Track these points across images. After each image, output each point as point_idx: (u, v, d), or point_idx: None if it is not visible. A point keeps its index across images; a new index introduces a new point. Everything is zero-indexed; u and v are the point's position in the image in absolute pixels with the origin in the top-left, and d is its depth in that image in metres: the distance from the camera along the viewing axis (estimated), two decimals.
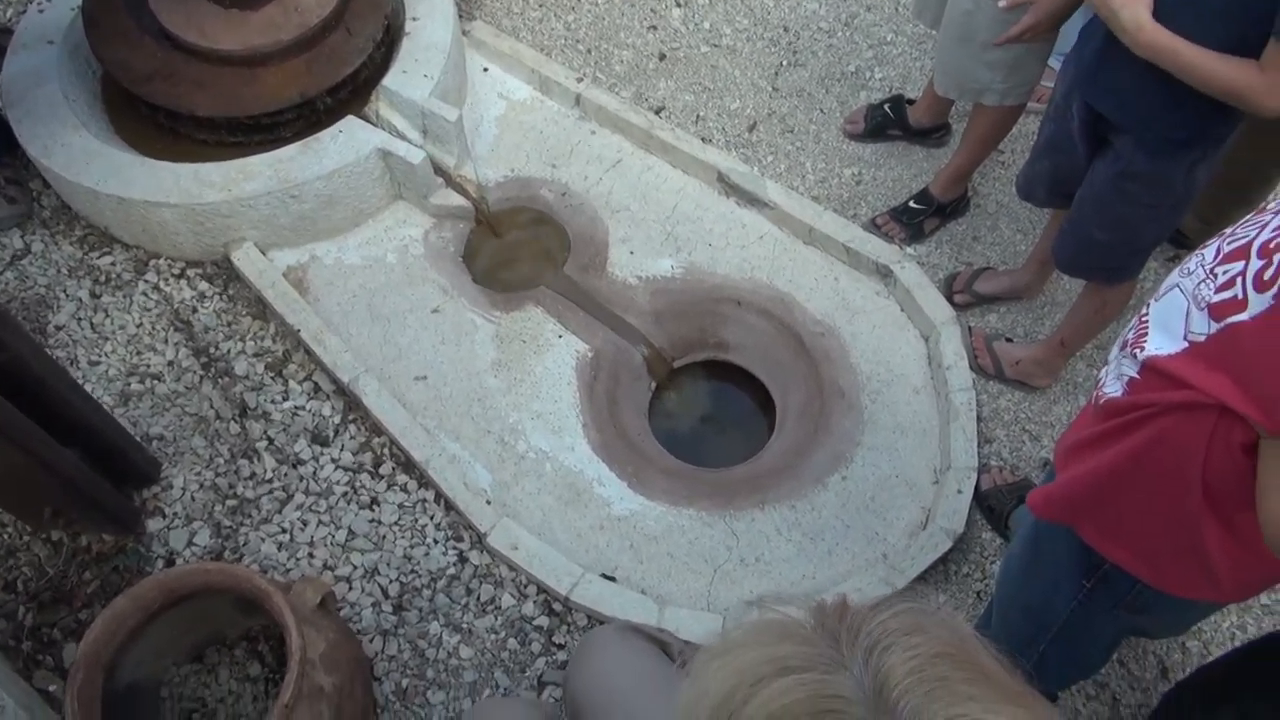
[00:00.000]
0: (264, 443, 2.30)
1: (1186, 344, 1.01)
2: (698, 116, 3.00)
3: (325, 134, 2.53)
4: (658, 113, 3.00)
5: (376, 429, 2.35)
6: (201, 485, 2.22)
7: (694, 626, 2.04)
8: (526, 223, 2.78)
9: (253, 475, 2.26)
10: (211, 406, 2.32)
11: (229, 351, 2.43)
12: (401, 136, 2.63)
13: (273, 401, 2.37)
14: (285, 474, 2.27)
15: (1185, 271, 1.07)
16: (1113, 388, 1.18)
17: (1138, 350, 1.10)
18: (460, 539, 2.22)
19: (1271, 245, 0.91)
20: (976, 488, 2.28)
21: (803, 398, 2.51)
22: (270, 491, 2.24)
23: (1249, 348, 0.92)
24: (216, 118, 2.49)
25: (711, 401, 2.67)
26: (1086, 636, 1.47)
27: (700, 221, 2.76)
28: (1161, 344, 1.06)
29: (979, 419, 2.42)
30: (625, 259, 2.68)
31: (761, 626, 0.65)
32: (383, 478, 2.29)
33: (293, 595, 1.80)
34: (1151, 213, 1.84)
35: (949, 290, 2.63)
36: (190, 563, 2.11)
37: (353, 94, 2.64)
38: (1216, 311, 0.96)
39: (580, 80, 2.96)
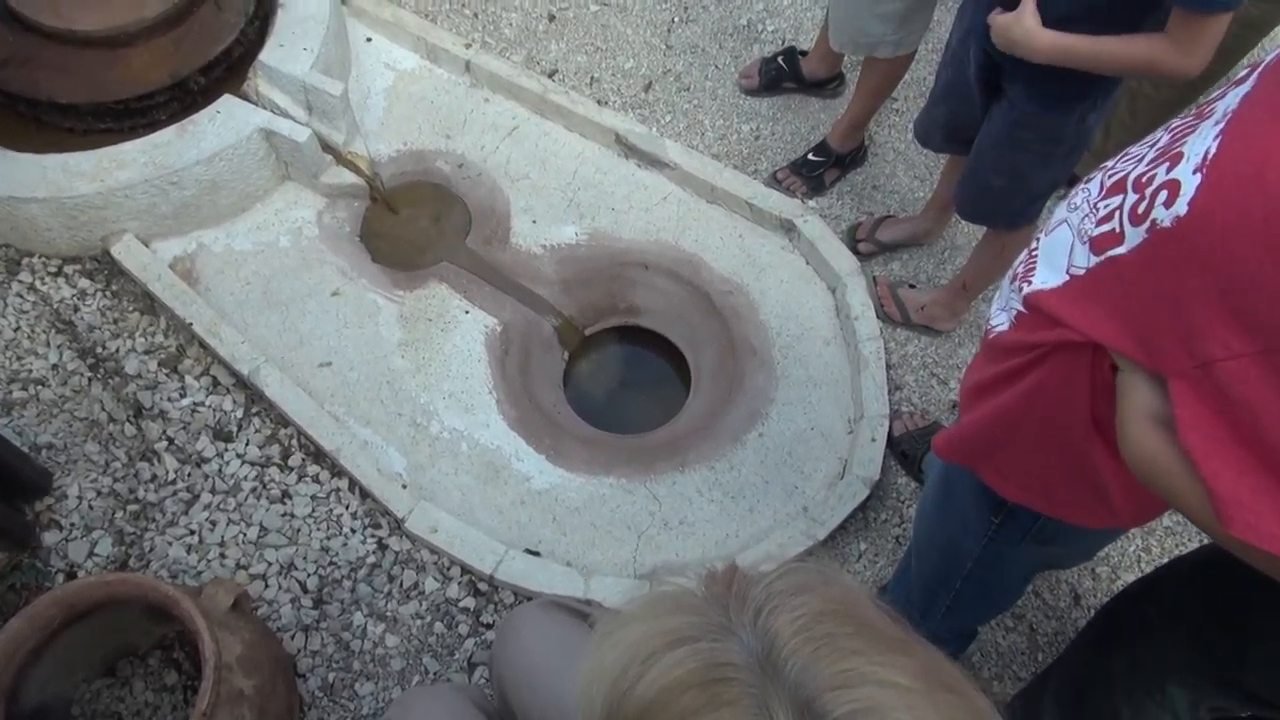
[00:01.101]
0: (163, 443, 2.22)
1: (1067, 276, 1.04)
2: (592, 78, 2.97)
3: (202, 115, 2.43)
4: (551, 76, 2.95)
5: (282, 420, 2.28)
6: (99, 493, 2.13)
7: (620, 594, 2.05)
8: (424, 197, 2.72)
9: (154, 478, 2.18)
10: (103, 409, 2.23)
11: (118, 350, 2.33)
12: (284, 114, 2.53)
13: (169, 399, 2.29)
14: (189, 474, 2.20)
15: (1071, 206, 1.09)
16: (999, 320, 1.21)
17: (1025, 285, 1.12)
18: (378, 526, 2.18)
19: (1144, 179, 0.93)
20: (889, 435, 2.33)
21: (716, 357, 2.52)
22: (174, 493, 2.17)
23: (1127, 280, 0.94)
24: (80, 104, 2.36)
25: (626, 367, 2.67)
26: (999, 571, 1.52)
27: (602, 186, 2.74)
28: (1046, 277, 1.08)
29: (888, 366, 2.47)
30: (528, 229, 2.65)
31: (653, 600, 0.66)
32: (292, 470, 2.24)
33: (204, 599, 1.74)
34: (1045, 160, 1.88)
35: (852, 241, 2.66)
36: (92, 574, 2.03)
37: (229, 72, 2.53)
38: (1097, 245, 0.98)
39: (469, 46, 2.89)
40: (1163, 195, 0.85)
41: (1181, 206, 0.82)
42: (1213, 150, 0.81)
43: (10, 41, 2.34)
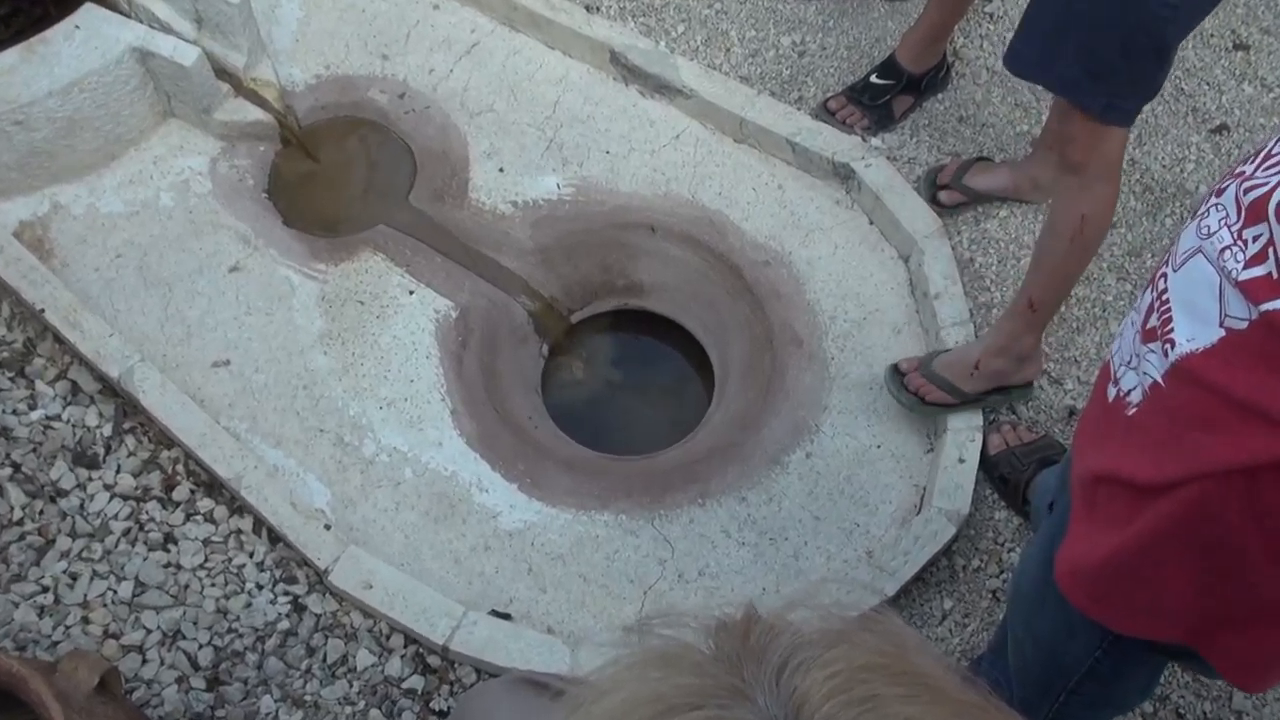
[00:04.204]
0: (6, 470, 2.25)
1: (1224, 331, 1.05)
2: None
3: (57, 32, 2.46)
4: None
5: (164, 439, 2.31)
6: None
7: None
8: (352, 138, 2.74)
9: None
10: None
11: None
12: (165, 28, 2.56)
13: (14, 412, 2.32)
14: (40, 511, 2.23)
15: (1205, 231, 1.10)
16: (1131, 383, 1.22)
17: (1167, 346, 1.13)
18: (293, 580, 2.21)
19: None
20: (983, 453, 2.34)
21: (747, 351, 2.54)
22: (21, 537, 2.20)
23: None
24: None
25: (626, 366, 2.69)
26: (1118, 682, 1.54)
27: (592, 121, 2.75)
28: (1194, 332, 1.09)
29: None
30: (493, 180, 2.67)
31: (644, 659, 0.67)
32: (178, 505, 2.26)
33: (59, 678, 1.77)
34: None
35: (932, 191, 2.67)
36: None
37: None
38: (1251, 292, 1.00)
39: None
40: None
41: None
42: None
43: None
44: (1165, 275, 1.16)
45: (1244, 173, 1.07)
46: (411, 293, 2.52)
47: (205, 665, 2.12)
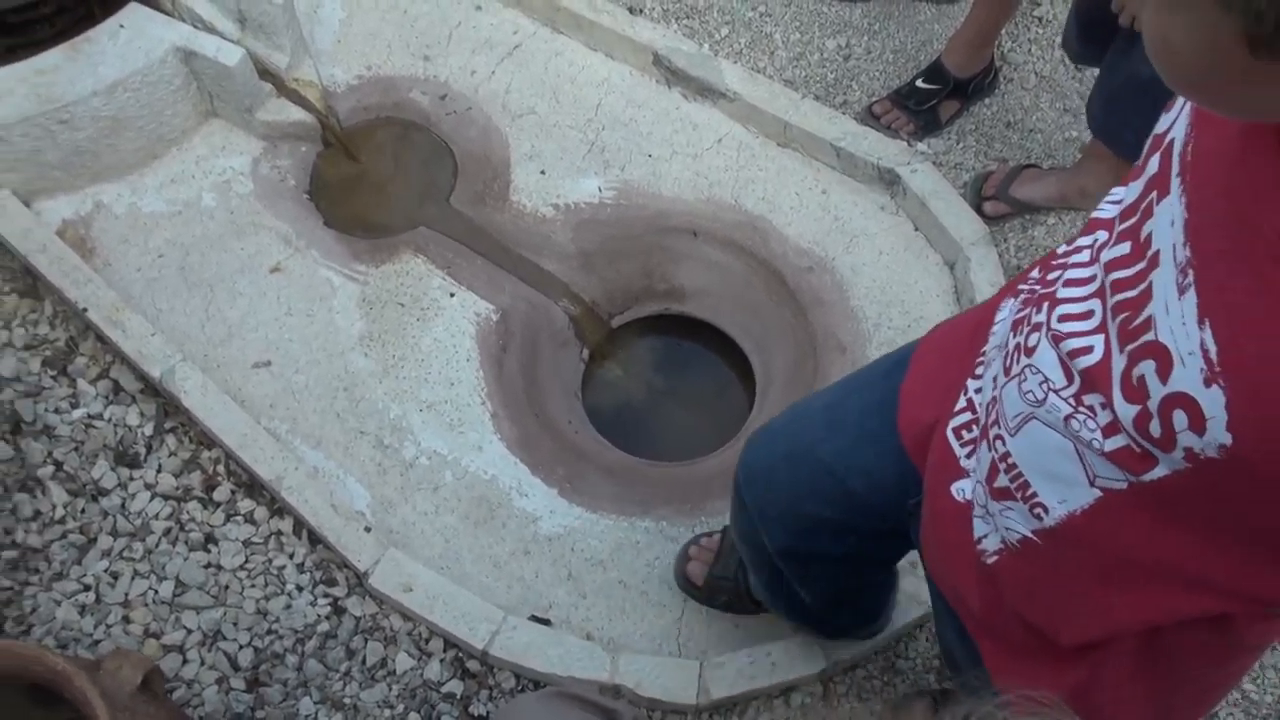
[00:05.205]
0: (49, 469, 2.28)
1: (1100, 492, 1.02)
2: None
3: (101, 31, 2.49)
4: None
5: (205, 439, 2.33)
6: None
7: (659, 679, 2.07)
8: (394, 140, 2.76)
9: (37, 515, 2.23)
10: None
11: None
12: (209, 29, 2.59)
13: (57, 411, 2.34)
14: (82, 510, 2.25)
15: (1031, 398, 1.04)
16: (983, 530, 1.21)
17: (1038, 510, 1.09)
18: (333, 583, 2.22)
19: (1128, 377, 0.91)
20: (692, 588, 2.25)
21: (790, 358, 2.54)
22: (63, 536, 2.22)
23: (1194, 498, 0.94)
24: None
25: (667, 371, 2.69)
26: None
27: (635, 124, 2.76)
28: (1064, 495, 1.05)
29: None
30: (535, 182, 2.68)
31: None
32: (219, 506, 2.28)
33: (103, 676, 1.78)
34: None
35: (978, 198, 2.66)
36: None
37: None
38: (1121, 463, 0.97)
39: None
40: (1181, 418, 0.85)
41: (1220, 434, 0.83)
42: (1212, 348, 0.81)
43: None
44: (1002, 439, 1.11)
45: (1041, 323, 1.04)
46: (452, 295, 2.53)
47: (245, 666, 2.14)
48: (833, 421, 1.57)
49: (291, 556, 2.24)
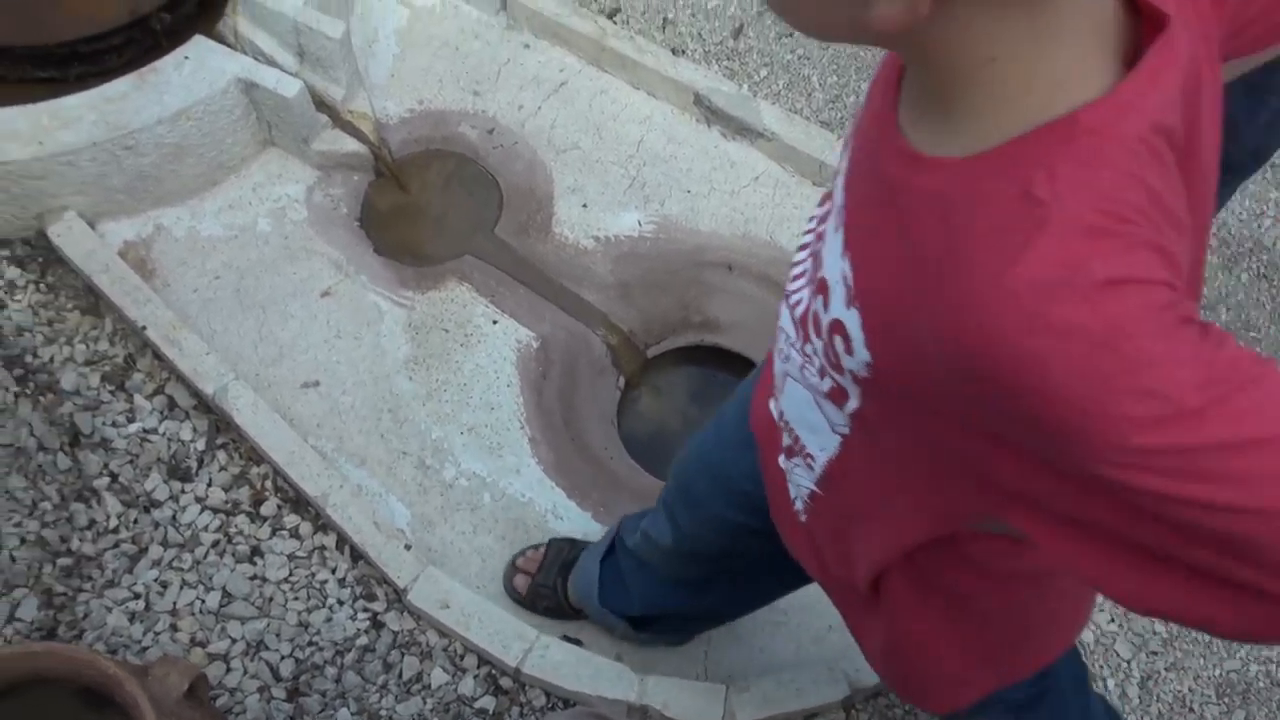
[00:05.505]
0: (104, 480, 2.35)
1: (839, 437, 1.10)
2: (665, 20, 3.07)
3: (167, 62, 2.57)
4: (611, 17, 3.06)
5: (254, 456, 2.40)
6: (24, 540, 2.26)
7: (685, 702, 2.12)
8: (443, 172, 2.84)
9: (91, 524, 2.30)
10: (32, 434, 2.36)
11: (51, 359, 2.47)
12: (269, 61, 2.67)
13: (114, 424, 2.42)
14: (135, 521, 2.32)
15: (783, 356, 1.17)
16: (792, 494, 1.29)
17: (809, 460, 1.19)
18: (373, 597, 2.29)
19: (810, 316, 1.02)
20: (518, 598, 2.33)
21: None
22: (116, 545, 2.29)
23: (899, 429, 1.01)
24: (15, 47, 2.52)
25: (701, 400, 2.74)
26: None
27: (675, 161, 2.83)
28: (822, 443, 1.14)
29: None
30: (577, 215, 2.76)
31: None
32: (265, 520, 2.35)
33: (151, 681, 1.83)
34: None
35: None
36: (13, 643, 2.16)
37: (200, 8, 2.69)
38: (834, 399, 1.05)
39: None
40: (839, 342, 0.95)
41: (862, 351, 0.92)
42: (849, 274, 0.91)
43: None
44: (776, 399, 1.24)
45: (788, 292, 1.15)
46: (495, 322, 2.60)
47: (286, 676, 2.20)
48: (720, 428, 1.68)
49: (334, 571, 2.30)
